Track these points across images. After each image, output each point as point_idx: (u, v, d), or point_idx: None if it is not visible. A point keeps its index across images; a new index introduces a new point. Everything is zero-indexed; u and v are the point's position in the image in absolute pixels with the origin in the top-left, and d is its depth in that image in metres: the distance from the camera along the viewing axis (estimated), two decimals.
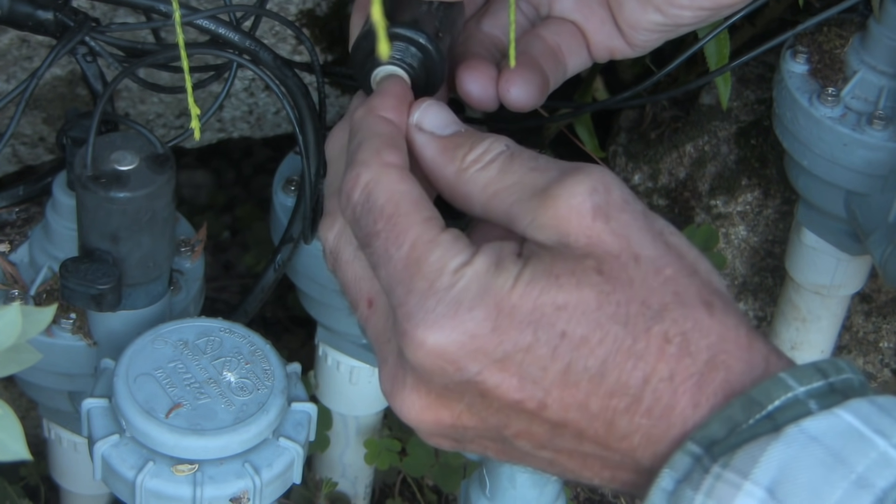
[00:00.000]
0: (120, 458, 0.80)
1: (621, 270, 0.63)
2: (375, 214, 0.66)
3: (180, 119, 1.18)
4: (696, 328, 0.63)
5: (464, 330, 0.63)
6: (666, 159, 1.22)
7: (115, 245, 0.83)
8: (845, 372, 0.62)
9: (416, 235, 0.65)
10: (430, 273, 0.64)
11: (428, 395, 0.66)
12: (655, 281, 0.63)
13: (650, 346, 0.62)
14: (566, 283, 0.62)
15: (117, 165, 0.82)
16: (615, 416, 0.63)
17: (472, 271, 0.64)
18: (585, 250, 0.63)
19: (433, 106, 0.71)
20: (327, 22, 1.18)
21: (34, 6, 0.86)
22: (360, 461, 1.17)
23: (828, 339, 1.11)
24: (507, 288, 0.63)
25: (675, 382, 0.62)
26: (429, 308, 0.63)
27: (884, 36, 0.95)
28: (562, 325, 0.62)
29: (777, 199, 1.18)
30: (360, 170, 0.67)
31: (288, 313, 1.37)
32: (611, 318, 0.62)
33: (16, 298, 0.90)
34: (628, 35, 0.80)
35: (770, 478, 0.58)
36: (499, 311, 0.63)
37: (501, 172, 0.67)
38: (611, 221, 0.64)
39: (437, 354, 0.63)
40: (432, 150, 0.69)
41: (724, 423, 0.61)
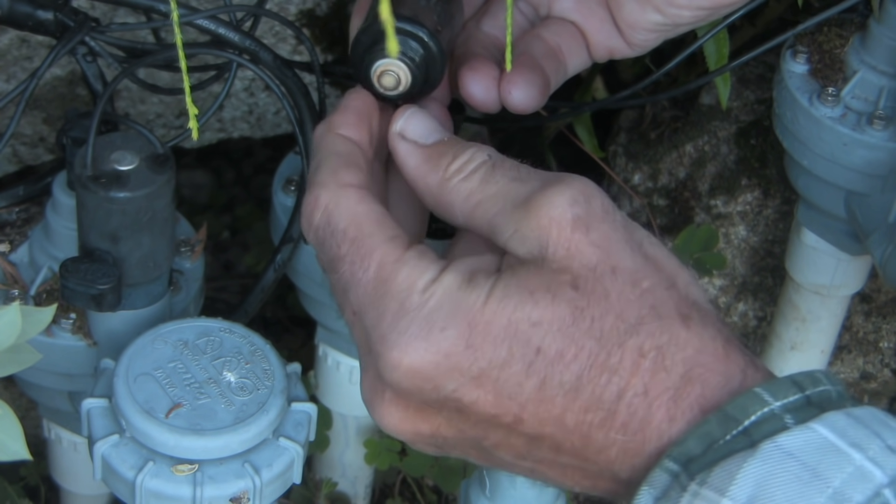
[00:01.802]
0: (120, 458, 0.80)
1: (597, 283, 0.63)
2: (339, 238, 0.66)
3: (180, 119, 1.18)
4: (672, 342, 0.63)
5: (437, 349, 0.63)
6: (666, 159, 1.22)
7: (115, 245, 0.83)
8: (822, 384, 0.62)
9: (382, 256, 0.65)
10: (398, 294, 0.64)
11: (406, 408, 0.66)
12: (632, 294, 0.63)
13: (624, 360, 0.62)
14: (541, 299, 0.62)
15: (117, 165, 0.82)
16: (591, 430, 0.63)
17: (441, 289, 0.63)
18: (562, 263, 0.63)
19: (416, 114, 0.71)
20: (327, 22, 1.18)
21: (34, 6, 0.86)
22: (360, 461, 1.16)
23: (828, 339, 1.11)
24: (479, 304, 0.63)
25: (650, 397, 0.62)
26: (401, 329, 0.63)
27: (884, 36, 0.95)
28: (537, 340, 0.62)
29: (777, 199, 1.18)
30: (318, 192, 0.67)
31: (288, 313, 1.37)
32: (585, 333, 0.62)
33: (16, 298, 0.90)
34: (627, 35, 0.80)
35: (747, 494, 0.58)
36: (472, 328, 0.62)
37: (483, 182, 0.67)
38: (590, 232, 0.64)
39: (412, 374, 0.63)
40: (415, 160, 0.69)
41: (701, 439, 0.61)
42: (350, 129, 0.70)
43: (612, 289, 0.63)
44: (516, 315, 0.62)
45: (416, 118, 0.70)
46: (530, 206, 0.64)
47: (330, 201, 0.67)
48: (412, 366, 0.63)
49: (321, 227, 0.67)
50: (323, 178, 0.68)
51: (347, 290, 0.66)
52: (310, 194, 0.68)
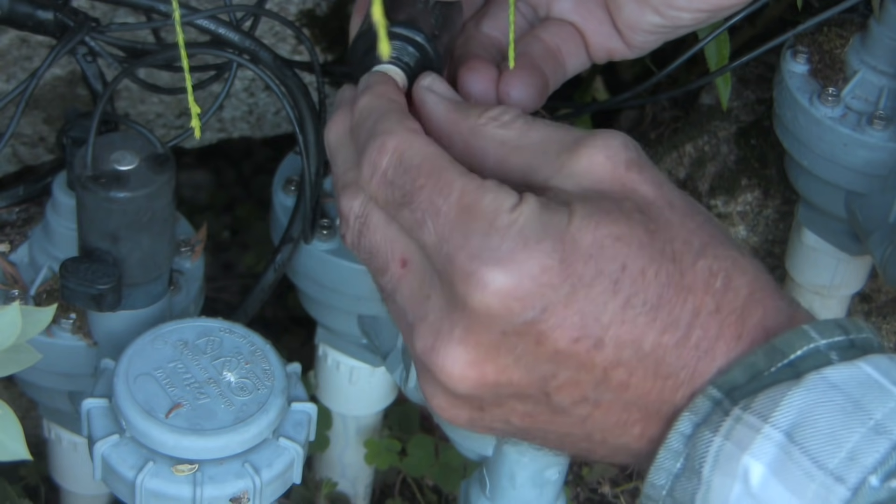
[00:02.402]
0: (120, 458, 0.80)
1: (659, 214, 0.65)
2: (413, 173, 0.67)
3: (180, 119, 1.18)
4: (736, 266, 0.65)
5: (535, 263, 0.63)
6: (666, 159, 1.22)
7: (115, 245, 0.83)
8: (865, 332, 0.64)
9: (463, 184, 0.66)
10: (487, 214, 0.64)
11: (477, 347, 0.65)
12: (690, 224, 0.65)
13: (697, 279, 0.64)
14: (618, 218, 0.64)
15: (117, 165, 0.82)
16: (665, 354, 0.64)
17: (528, 209, 0.64)
18: (622, 194, 0.65)
19: (442, 81, 0.72)
20: (327, 22, 1.18)
21: (34, 6, 0.86)
22: (360, 461, 1.17)
23: None
24: (564, 223, 0.63)
25: (721, 315, 0.64)
26: (494, 246, 0.63)
27: (884, 36, 0.95)
28: (622, 257, 0.63)
29: (777, 199, 1.18)
30: (384, 138, 0.68)
31: (288, 313, 1.37)
32: (661, 252, 0.64)
33: (16, 298, 0.90)
34: (627, 36, 0.80)
35: (789, 421, 0.60)
36: (563, 244, 0.63)
37: (524, 130, 0.68)
38: (644, 172, 0.66)
39: (506, 292, 0.63)
40: (445, 108, 0.71)
41: (746, 369, 0.62)
42: (397, 94, 0.72)
43: (673, 218, 0.65)
44: (600, 231, 0.63)
45: (441, 82, 0.72)
46: (581, 146, 0.66)
47: (400, 143, 0.67)
48: (508, 281, 0.63)
49: (391, 167, 0.67)
50: (388, 126, 0.68)
51: (423, 221, 0.66)
52: (374, 141, 0.68)
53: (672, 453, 0.63)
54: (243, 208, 1.45)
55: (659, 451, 0.63)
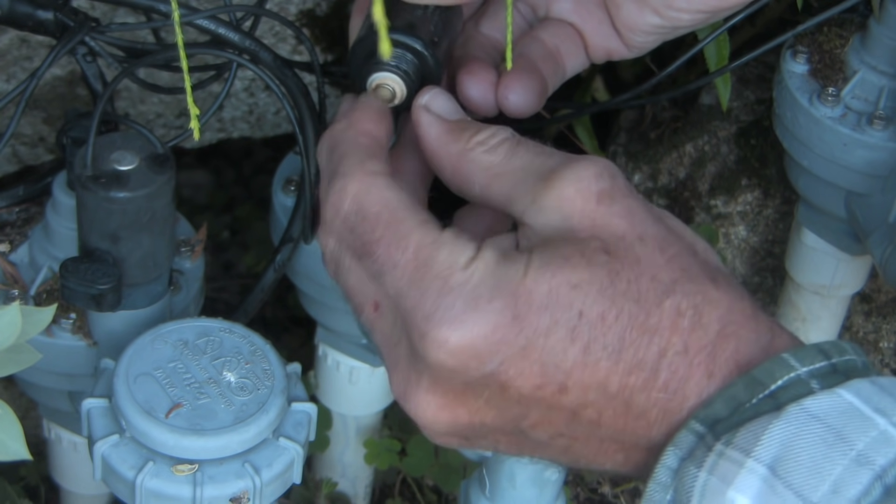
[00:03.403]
0: (120, 458, 0.80)
1: (627, 250, 0.64)
2: (372, 222, 0.67)
3: (180, 119, 1.18)
4: (706, 301, 0.64)
5: (486, 322, 0.63)
6: (666, 159, 1.22)
7: (115, 245, 0.83)
8: (848, 353, 0.63)
9: (419, 238, 0.66)
10: (441, 272, 0.64)
11: (445, 394, 0.66)
12: (662, 258, 0.64)
13: (663, 319, 0.63)
14: (577, 263, 0.63)
15: (117, 165, 0.82)
16: (633, 394, 0.64)
17: (482, 265, 0.64)
18: (590, 232, 0.64)
19: (441, 94, 0.72)
20: (327, 22, 1.18)
21: (34, 6, 0.86)
22: (360, 461, 1.17)
23: (828, 339, 1.11)
24: (519, 275, 0.63)
25: (689, 355, 0.63)
26: (447, 306, 0.64)
27: (884, 36, 0.95)
28: (578, 304, 0.63)
29: (777, 199, 1.18)
30: (345, 182, 0.68)
31: (288, 313, 1.37)
32: (623, 294, 0.63)
33: (16, 298, 0.90)
34: (626, 37, 0.80)
35: (772, 455, 0.59)
36: (516, 299, 0.63)
37: (507, 156, 0.68)
38: (614, 205, 0.65)
39: (460, 351, 0.64)
40: (437, 130, 0.70)
41: (728, 401, 0.62)
42: (370, 124, 0.71)
43: (643, 254, 0.64)
44: (556, 280, 0.63)
45: (441, 97, 0.72)
46: (554, 178, 0.65)
47: (359, 189, 0.68)
48: (461, 341, 0.63)
49: (351, 213, 0.68)
50: (349, 169, 0.69)
51: (383, 273, 0.66)
52: (336, 183, 0.68)
53: (661, 486, 0.63)
54: (243, 208, 1.45)
55: (649, 484, 0.63)
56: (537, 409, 0.65)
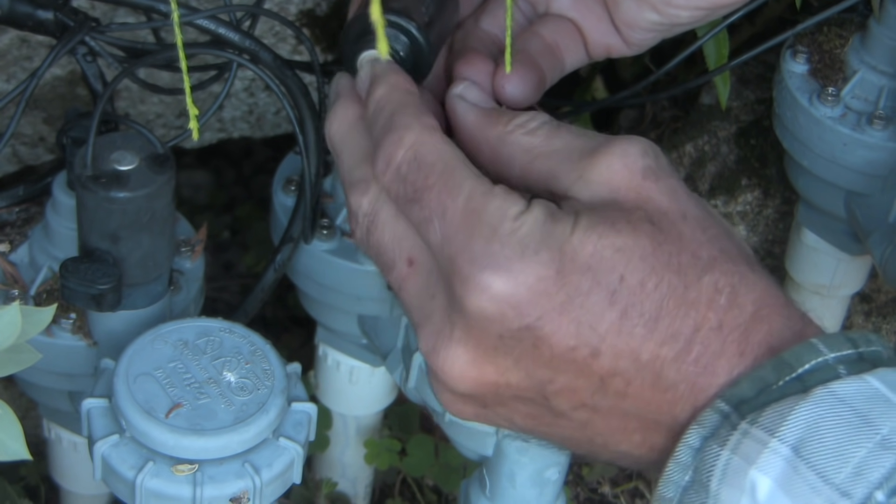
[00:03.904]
0: (120, 458, 0.80)
1: (671, 225, 0.65)
2: (426, 170, 0.67)
3: (180, 119, 1.18)
4: (743, 282, 0.65)
5: (531, 272, 0.64)
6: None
7: (115, 245, 0.83)
8: (875, 344, 0.64)
9: (472, 187, 0.66)
10: (491, 220, 0.65)
11: (476, 348, 0.66)
12: (703, 236, 0.65)
13: (702, 294, 0.64)
14: (623, 229, 0.64)
15: (117, 165, 0.82)
16: (664, 366, 0.64)
17: (532, 218, 0.65)
18: (635, 204, 0.65)
19: (475, 87, 0.73)
20: (327, 22, 1.18)
21: (34, 6, 0.86)
22: (360, 461, 1.17)
23: None
24: (566, 233, 0.64)
25: (723, 332, 0.64)
26: (493, 252, 0.64)
27: (884, 36, 0.95)
28: (620, 268, 0.64)
29: (777, 199, 1.18)
30: (402, 132, 0.69)
31: (288, 313, 1.37)
32: (665, 265, 0.64)
33: (16, 298, 0.90)
34: (625, 33, 0.81)
35: (796, 436, 0.60)
36: (562, 254, 0.64)
37: (548, 137, 0.69)
38: (659, 181, 0.66)
39: (502, 298, 0.64)
40: (475, 116, 0.71)
41: (755, 383, 0.62)
42: (410, 84, 0.72)
43: (685, 230, 0.65)
44: (602, 242, 0.64)
45: (473, 88, 0.73)
46: (599, 154, 0.66)
47: (417, 139, 0.68)
48: (503, 288, 0.64)
49: (405, 162, 0.68)
50: (406, 121, 0.69)
51: (430, 220, 0.67)
52: (391, 135, 0.69)
53: (681, 466, 0.63)
54: (243, 208, 1.45)
55: (668, 464, 0.63)
56: (566, 374, 0.65)
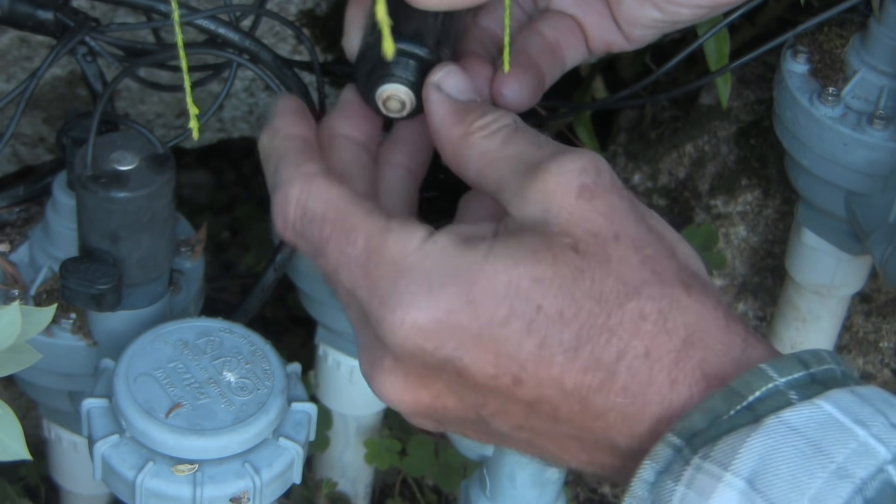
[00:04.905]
0: (120, 458, 0.80)
1: (599, 248, 0.63)
2: (318, 223, 0.67)
3: (180, 119, 1.18)
4: (674, 306, 0.63)
5: (439, 305, 0.63)
6: (666, 159, 1.22)
7: (115, 245, 0.83)
8: (827, 363, 0.62)
9: (368, 229, 0.65)
10: (392, 257, 0.64)
11: (406, 376, 0.66)
12: (634, 259, 0.63)
13: (624, 321, 0.62)
14: (543, 258, 0.63)
15: (117, 165, 0.82)
16: (589, 394, 0.63)
17: (436, 248, 0.64)
18: (564, 227, 0.64)
19: (456, 73, 0.72)
20: (327, 22, 1.18)
21: (34, 6, 0.86)
22: (360, 461, 1.17)
23: (828, 339, 1.11)
24: (478, 261, 0.63)
25: (651, 359, 0.62)
26: (401, 290, 0.63)
27: (884, 36, 0.95)
28: (538, 298, 0.62)
29: (777, 199, 1.18)
30: (286, 189, 0.68)
31: (288, 313, 1.37)
32: (585, 293, 0.62)
33: (16, 298, 0.90)
34: (626, 30, 0.80)
35: (750, 468, 0.58)
36: (472, 284, 0.63)
37: (504, 143, 0.67)
38: (595, 200, 0.64)
39: (415, 333, 0.63)
40: (443, 111, 0.70)
41: (705, 414, 0.61)
42: (294, 127, 0.71)
43: (614, 253, 0.63)
44: (518, 271, 0.62)
45: (454, 76, 0.71)
46: (539, 170, 0.65)
47: (301, 193, 0.67)
48: (415, 323, 0.63)
49: (297, 219, 0.68)
50: (288, 175, 0.68)
51: (338, 270, 0.66)
52: (278, 194, 0.68)
53: (637, 500, 0.62)
54: (243, 208, 1.45)
55: (625, 498, 0.62)
56: (495, 399, 0.65)
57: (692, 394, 0.62)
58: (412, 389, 0.66)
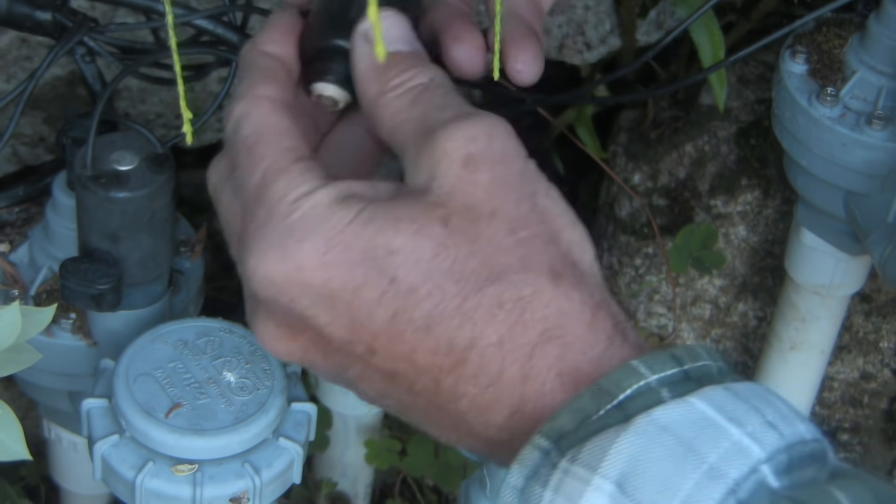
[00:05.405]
0: (120, 458, 0.80)
1: (470, 225, 0.61)
2: (239, 144, 0.65)
3: (180, 119, 1.18)
4: (535, 297, 0.60)
5: (290, 260, 0.61)
6: (666, 159, 1.23)
7: (115, 245, 0.83)
8: (703, 359, 0.60)
9: (269, 164, 0.64)
10: (269, 201, 0.63)
11: (277, 325, 0.64)
12: (505, 241, 0.61)
13: (480, 307, 0.60)
14: (404, 229, 0.60)
15: (117, 165, 0.82)
16: (441, 375, 0.61)
17: (310, 203, 0.62)
18: (442, 198, 0.61)
19: (389, 18, 0.68)
20: None
21: (32, 6, 0.86)
22: (360, 461, 1.17)
23: (827, 339, 1.11)
24: (342, 224, 0.61)
25: (504, 350, 0.60)
26: (262, 237, 0.62)
27: (883, 36, 0.95)
28: (392, 270, 0.60)
29: (777, 199, 1.18)
30: (234, 104, 0.67)
31: None
32: (444, 272, 0.60)
33: (16, 298, 0.90)
34: None
35: (619, 471, 0.56)
36: (329, 245, 0.61)
37: (411, 103, 0.65)
38: (479, 172, 0.61)
39: (267, 284, 0.62)
40: (364, 65, 0.67)
41: (574, 414, 0.58)
42: (274, 45, 0.70)
43: (484, 232, 0.60)
44: (376, 241, 0.60)
45: (389, 21, 0.68)
46: (431, 136, 0.62)
47: (242, 111, 0.66)
48: (266, 274, 0.62)
49: (230, 134, 0.66)
50: (241, 91, 0.67)
51: (237, 193, 0.65)
52: (228, 106, 0.68)
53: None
54: None
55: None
56: (355, 364, 0.63)
57: (545, 391, 0.60)
58: (283, 339, 0.64)
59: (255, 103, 0.67)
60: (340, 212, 0.61)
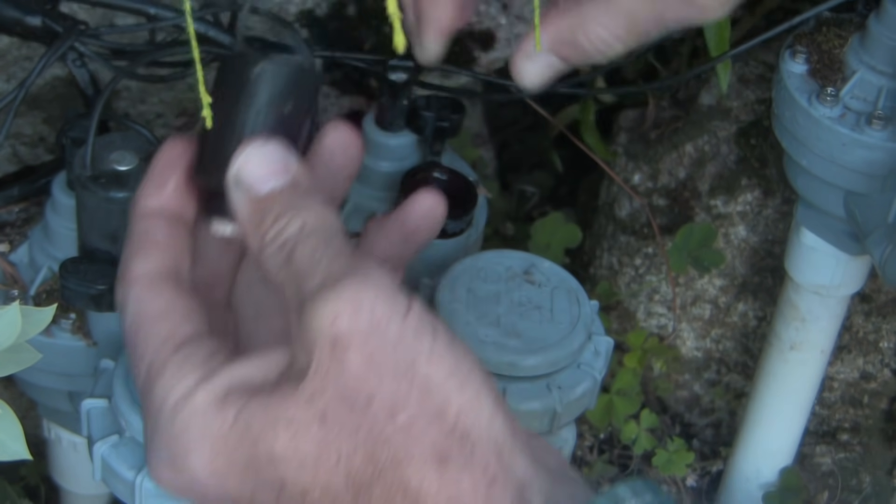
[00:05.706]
0: (120, 458, 0.80)
1: (348, 417, 0.58)
2: (125, 333, 0.65)
3: (180, 119, 1.18)
4: (423, 489, 0.57)
5: (183, 473, 0.61)
6: (666, 159, 1.22)
7: (114, 245, 0.83)
8: None
9: (149, 360, 0.63)
10: (155, 406, 0.62)
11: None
12: (386, 430, 0.58)
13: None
14: (282, 434, 0.59)
15: (117, 165, 0.82)
16: None
17: (188, 410, 0.61)
18: (317, 389, 0.58)
19: (256, 152, 0.64)
20: (327, 22, 1.18)
21: (22, 11, 0.86)
22: None
23: (827, 339, 1.11)
24: (222, 431, 0.60)
25: None
26: (155, 446, 0.61)
27: (883, 36, 0.95)
28: (279, 475, 0.59)
29: (777, 199, 1.18)
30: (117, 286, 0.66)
31: None
32: (330, 471, 0.58)
33: (16, 298, 0.90)
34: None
35: None
36: (213, 454, 0.60)
37: (287, 261, 0.61)
38: (348, 353, 0.58)
39: (172, 489, 0.62)
40: (241, 216, 0.64)
41: None
42: (153, 196, 0.66)
43: (364, 423, 0.58)
44: (257, 448, 0.59)
45: (254, 158, 0.63)
46: (303, 311, 0.59)
47: (121, 297, 0.65)
48: (167, 483, 0.61)
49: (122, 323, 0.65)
50: (119, 273, 0.66)
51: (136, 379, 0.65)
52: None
53: None
54: None
55: None
56: None
57: None
58: None
59: (131, 286, 0.65)
60: (219, 416, 0.60)
